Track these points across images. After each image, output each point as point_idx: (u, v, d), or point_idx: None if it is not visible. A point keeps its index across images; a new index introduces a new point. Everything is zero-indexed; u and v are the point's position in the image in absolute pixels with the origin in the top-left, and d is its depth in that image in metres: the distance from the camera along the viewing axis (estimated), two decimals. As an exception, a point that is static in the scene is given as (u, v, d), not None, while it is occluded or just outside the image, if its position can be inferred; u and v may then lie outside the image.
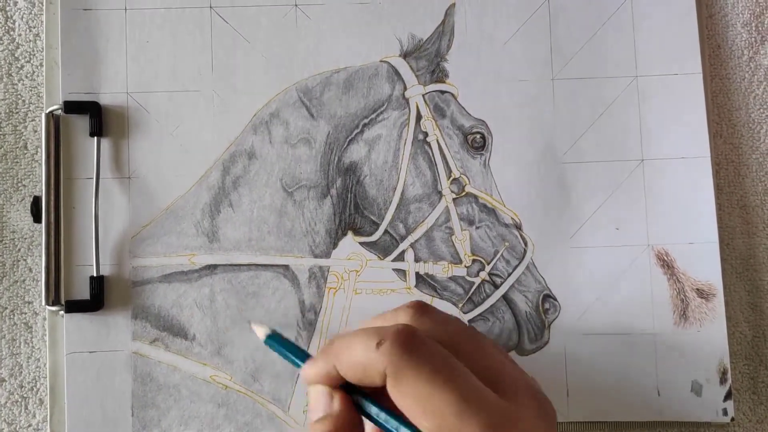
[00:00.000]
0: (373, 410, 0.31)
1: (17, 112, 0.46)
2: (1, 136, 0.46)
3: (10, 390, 0.44)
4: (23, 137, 0.46)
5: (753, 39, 0.47)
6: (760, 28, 0.47)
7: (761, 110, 0.47)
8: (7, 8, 0.46)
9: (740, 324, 0.46)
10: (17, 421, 0.44)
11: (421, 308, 0.33)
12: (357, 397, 0.32)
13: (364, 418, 0.32)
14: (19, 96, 0.46)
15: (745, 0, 0.48)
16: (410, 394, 0.29)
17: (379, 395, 0.31)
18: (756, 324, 0.46)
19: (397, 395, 0.29)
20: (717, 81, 0.47)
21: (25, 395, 0.45)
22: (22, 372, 0.45)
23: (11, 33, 0.46)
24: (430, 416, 0.28)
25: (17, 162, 0.46)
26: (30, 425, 0.44)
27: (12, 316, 0.45)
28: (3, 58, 0.46)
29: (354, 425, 0.31)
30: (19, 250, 0.45)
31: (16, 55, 0.46)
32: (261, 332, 0.35)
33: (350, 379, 0.31)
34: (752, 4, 0.48)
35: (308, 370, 0.32)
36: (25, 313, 0.45)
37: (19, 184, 0.46)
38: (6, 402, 0.44)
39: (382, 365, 0.29)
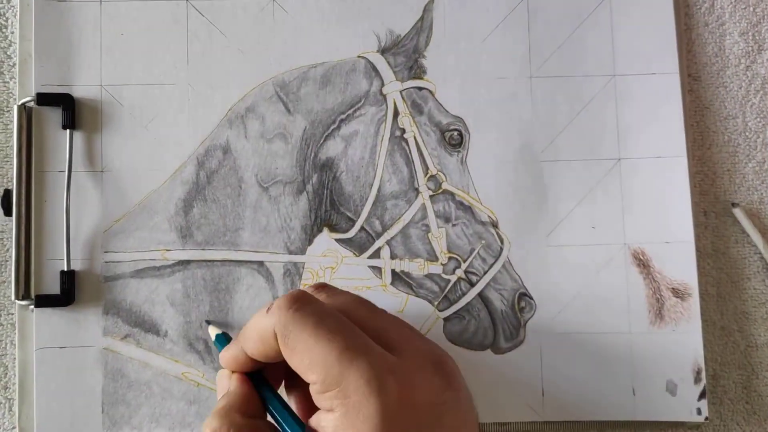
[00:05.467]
0: (261, 386, 0.33)
1: (9, 110, 0.45)
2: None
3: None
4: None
5: (750, 48, 0.47)
6: (757, 37, 0.47)
7: (758, 119, 0.47)
8: (0, 6, 0.46)
9: (715, 324, 0.46)
10: (1, 423, 0.44)
11: (319, 285, 0.34)
12: (251, 375, 0.33)
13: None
14: (10, 94, 0.45)
15: (743, 9, 0.48)
16: (297, 349, 0.29)
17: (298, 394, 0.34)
18: (730, 324, 0.46)
19: (287, 353, 0.30)
20: (713, 89, 0.47)
21: (9, 397, 0.44)
22: (7, 373, 0.44)
23: (3, 30, 0.46)
24: (316, 368, 0.29)
25: (7, 161, 0.45)
26: (14, 427, 0.43)
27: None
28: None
29: (248, 400, 0.32)
30: (8, 250, 0.44)
31: (8, 53, 0.46)
32: (213, 332, 0.39)
33: (255, 356, 0.32)
34: (749, 13, 0.48)
35: (223, 354, 0.34)
36: (12, 314, 0.44)
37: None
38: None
39: (272, 326, 0.30)
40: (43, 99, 0.44)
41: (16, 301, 0.43)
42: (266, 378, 0.34)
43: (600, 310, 0.45)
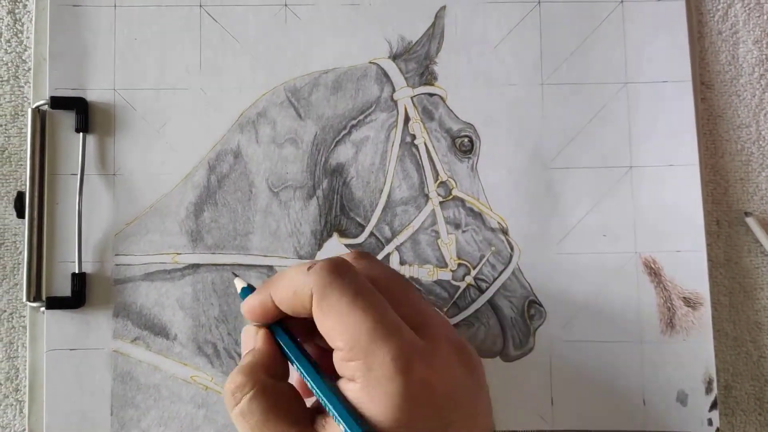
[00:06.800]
0: (283, 339, 0.33)
1: (23, 114, 0.46)
2: (7, 138, 0.45)
3: (5, 393, 0.44)
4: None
5: (764, 56, 0.47)
6: (771, 45, 0.47)
7: (772, 127, 0.47)
8: (16, 11, 0.46)
9: (727, 334, 0.46)
10: (12, 425, 0.44)
11: (361, 253, 0.34)
12: (274, 328, 0.33)
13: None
14: (25, 98, 0.46)
15: (757, 17, 0.47)
16: (331, 313, 0.30)
17: (309, 339, 0.34)
18: (743, 334, 0.46)
19: (319, 314, 0.30)
20: (726, 98, 0.47)
21: (20, 399, 0.44)
22: (18, 375, 0.44)
23: (19, 35, 0.46)
24: (345, 336, 0.29)
25: (21, 164, 0.45)
26: (25, 428, 0.44)
27: (11, 319, 0.45)
28: (10, 60, 0.46)
29: (274, 360, 0.32)
30: (21, 252, 0.45)
31: (23, 58, 0.46)
32: (239, 284, 0.37)
33: (283, 308, 0.32)
34: (763, 21, 0.47)
35: (248, 300, 0.33)
36: (24, 316, 0.45)
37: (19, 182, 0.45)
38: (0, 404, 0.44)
39: (310, 286, 0.30)
40: (56, 102, 0.44)
41: (28, 302, 0.43)
42: (290, 331, 0.33)
43: (610, 318, 0.44)
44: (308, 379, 0.31)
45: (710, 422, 0.43)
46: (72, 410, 0.43)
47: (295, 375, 0.32)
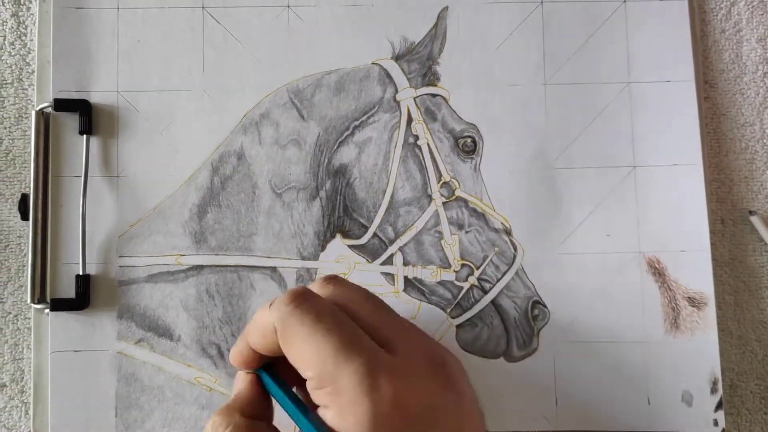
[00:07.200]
0: (268, 382, 0.33)
1: (27, 117, 0.46)
2: (11, 140, 0.46)
3: (11, 395, 0.44)
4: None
5: None
6: (775, 44, 0.47)
7: (776, 126, 0.47)
8: (20, 14, 0.46)
9: (732, 333, 0.45)
10: (17, 426, 0.44)
11: (328, 278, 0.34)
12: (259, 372, 0.34)
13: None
14: (29, 101, 0.46)
15: (760, 15, 0.47)
16: (295, 344, 0.30)
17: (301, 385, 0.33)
18: (748, 333, 0.46)
19: (285, 347, 0.30)
20: (730, 96, 0.47)
21: (26, 400, 0.44)
22: (24, 377, 0.44)
23: (23, 38, 0.46)
24: (311, 364, 0.29)
25: (25, 166, 0.45)
26: (30, 430, 0.44)
27: (16, 321, 0.45)
28: (14, 63, 0.46)
29: (252, 402, 0.33)
30: (25, 255, 0.45)
31: (27, 60, 0.46)
32: None
33: (261, 351, 0.32)
34: (767, 19, 0.47)
35: (231, 350, 0.34)
36: (29, 318, 0.45)
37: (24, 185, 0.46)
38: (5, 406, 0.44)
39: (272, 321, 0.30)
40: (60, 105, 0.44)
41: (32, 304, 0.43)
42: (277, 374, 0.34)
43: (614, 318, 0.44)
44: (291, 417, 0.31)
45: (716, 423, 0.43)
46: (77, 411, 0.43)
47: None
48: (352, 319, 0.31)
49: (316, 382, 0.29)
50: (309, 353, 0.29)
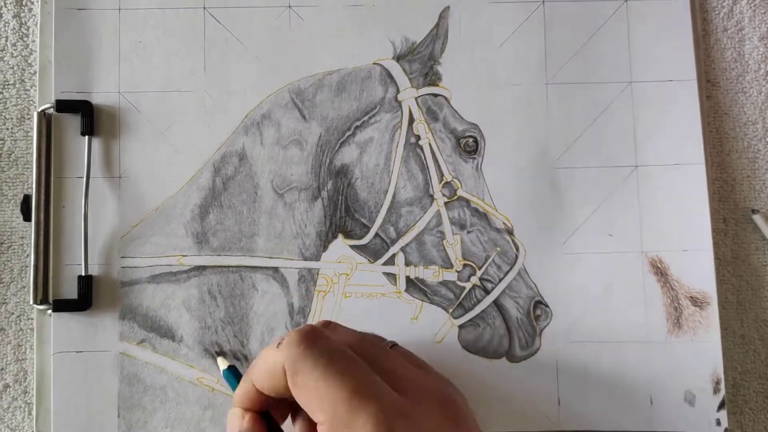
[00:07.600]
0: (272, 423, 0.33)
1: (29, 118, 0.46)
2: (13, 141, 0.46)
3: (14, 395, 0.44)
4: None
5: None
6: (777, 42, 0.47)
7: (778, 124, 0.47)
8: (22, 15, 0.46)
9: (735, 332, 0.45)
10: (20, 427, 0.44)
11: (325, 322, 0.34)
12: (265, 413, 0.33)
13: None
14: (31, 102, 0.46)
15: (762, 14, 0.47)
16: (306, 387, 0.29)
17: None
18: (750, 332, 0.45)
19: (295, 390, 0.29)
20: (732, 95, 0.47)
21: (28, 401, 0.44)
22: (27, 377, 0.44)
23: (24, 39, 0.46)
24: (324, 408, 0.28)
25: (27, 167, 0.46)
26: (33, 430, 0.44)
27: (18, 322, 0.45)
28: (16, 64, 0.46)
29: None
30: (28, 255, 0.45)
31: (29, 61, 0.46)
32: (222, 364, 0.40)
33: (265, 391, 0.31)
34: (769, 18, 0.47)
35: (236, 392, 0.33)
36: (31, 319, 0.45)
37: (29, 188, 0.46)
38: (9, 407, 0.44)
39: (281, 362, 0.30)
40: (62, 106, 0.44)
41: (35, 305, 0.43)
42: (273, 417, 0.34)
43: (617, 318, 0.44)
44: None
45: (718, 422, 0.43)
46: (79, 412, 0.43)
47: None
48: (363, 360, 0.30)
49: (329, 426, 0.28)
50: (322, 397, 0.28)
